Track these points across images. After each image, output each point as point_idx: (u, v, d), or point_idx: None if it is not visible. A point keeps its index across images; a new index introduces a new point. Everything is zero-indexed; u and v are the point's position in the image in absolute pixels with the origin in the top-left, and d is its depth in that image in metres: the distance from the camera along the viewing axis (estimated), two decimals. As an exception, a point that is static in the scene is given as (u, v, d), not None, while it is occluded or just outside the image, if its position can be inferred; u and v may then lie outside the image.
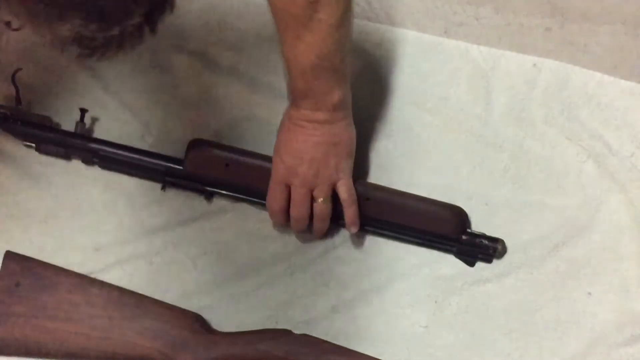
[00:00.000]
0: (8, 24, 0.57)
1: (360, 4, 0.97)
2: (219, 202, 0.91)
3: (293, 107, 0.82)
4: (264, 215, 0.91)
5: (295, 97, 0.81)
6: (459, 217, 0.88)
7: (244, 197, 0.89)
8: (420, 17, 0.97)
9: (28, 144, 0.91)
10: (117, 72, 0.95)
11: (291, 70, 0.78)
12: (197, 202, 0.91)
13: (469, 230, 0.89)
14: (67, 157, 0.91)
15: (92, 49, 0.58)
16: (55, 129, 0.91)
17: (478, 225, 0.90)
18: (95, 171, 0.92)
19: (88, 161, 0.91)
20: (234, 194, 0.90)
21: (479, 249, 0.88)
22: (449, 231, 0.88)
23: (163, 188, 0.90)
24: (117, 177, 0.92)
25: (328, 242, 0.90)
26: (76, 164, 0.92)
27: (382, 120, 0.95)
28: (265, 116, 0.94)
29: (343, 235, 0.90)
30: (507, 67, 0.96)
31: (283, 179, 0.83)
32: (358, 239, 0.90)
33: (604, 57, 0.95)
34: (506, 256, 0.89)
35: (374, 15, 0.98)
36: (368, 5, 0.98)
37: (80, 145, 0.90)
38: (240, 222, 0.91)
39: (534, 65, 0.96)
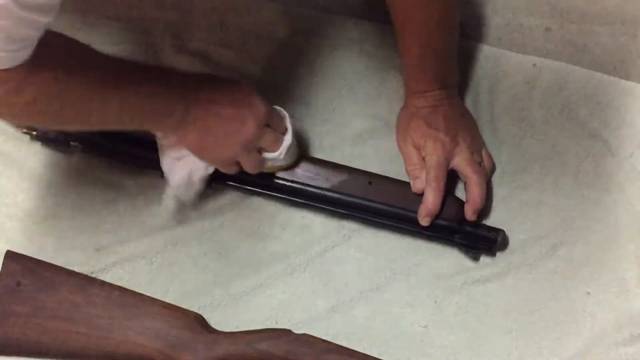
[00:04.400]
0: None
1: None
2: (219, 202, 0.91)
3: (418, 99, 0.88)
4: (264, 215, 0.91)
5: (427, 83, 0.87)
6: (459, 204, 0.87)
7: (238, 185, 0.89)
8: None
9: (27, 131, 0.90)
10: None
11: (424, 59, 0.86)
12: (196, 202, 0.92)
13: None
14: (67, 144, 0.90)
15: None
16: None
17: (477, 224, 0.90)
18: (96, 171, 0.92)
19: (88, 150, 0.90)
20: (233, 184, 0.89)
21: (480, 237, 0.87)
22: (451, 216, 0.87)
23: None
24: (118, 177, 0.92)
25: (328, 242, 0.90)
26: (76, 164, 0.92)
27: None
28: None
29: (342, 234, 0.90)
30: (507, 67, 0.96)
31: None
32: (358, 239, 0.90)
33: (604, 57, 0.95)
34: (505, 256, 0.89)
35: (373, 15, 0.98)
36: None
37: (81, 135, 0.89)
38: (240, 222, 0.91)
39: (534, 65, 0.96)
